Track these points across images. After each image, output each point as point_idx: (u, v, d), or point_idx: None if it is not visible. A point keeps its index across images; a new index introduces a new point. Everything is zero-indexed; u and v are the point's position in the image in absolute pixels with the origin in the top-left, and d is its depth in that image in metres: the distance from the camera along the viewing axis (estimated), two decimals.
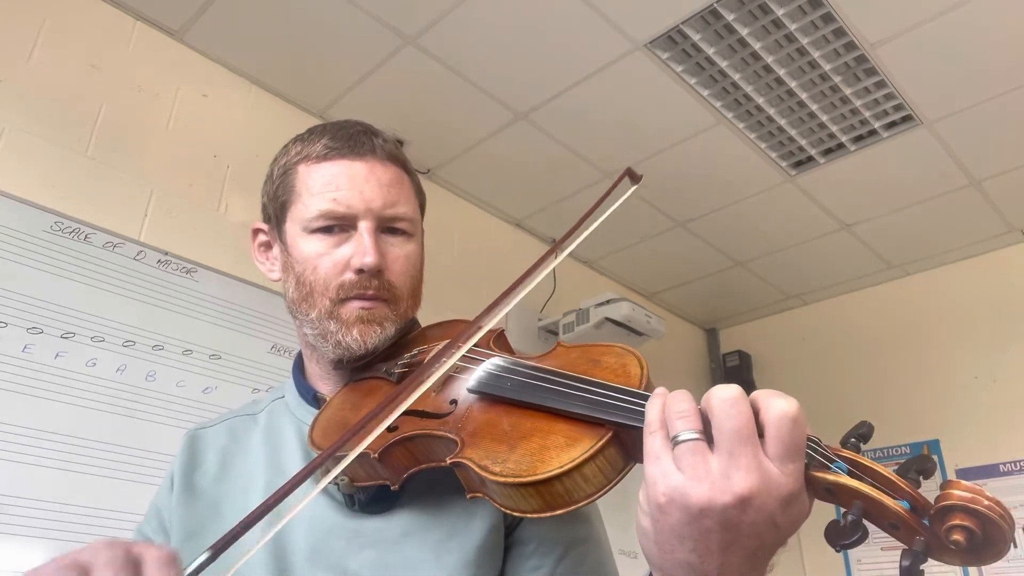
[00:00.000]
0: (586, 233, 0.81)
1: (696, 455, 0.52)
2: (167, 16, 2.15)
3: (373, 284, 0.83)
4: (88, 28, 2.03)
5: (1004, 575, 2.77)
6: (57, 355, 1.72)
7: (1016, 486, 2.85)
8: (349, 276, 0.83)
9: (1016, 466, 2.89)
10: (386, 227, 0.86)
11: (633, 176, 0.86)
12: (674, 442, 0.53)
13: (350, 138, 0.88)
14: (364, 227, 0.84)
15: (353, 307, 0.84)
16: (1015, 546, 0.50)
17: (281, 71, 2.34)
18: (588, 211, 0.83)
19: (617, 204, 0.83)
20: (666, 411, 0.55)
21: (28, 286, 1.72)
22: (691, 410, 0.54)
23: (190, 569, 0.53)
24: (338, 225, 0.84)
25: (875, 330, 3.43)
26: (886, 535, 0.52)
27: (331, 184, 0.85)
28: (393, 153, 0.90)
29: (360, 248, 0.83)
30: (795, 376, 3.59)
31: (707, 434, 0.53)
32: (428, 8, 2.10)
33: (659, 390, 0.58)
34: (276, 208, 0.90)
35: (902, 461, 0.53)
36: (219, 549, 0.54)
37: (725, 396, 0.53)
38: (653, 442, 0.54)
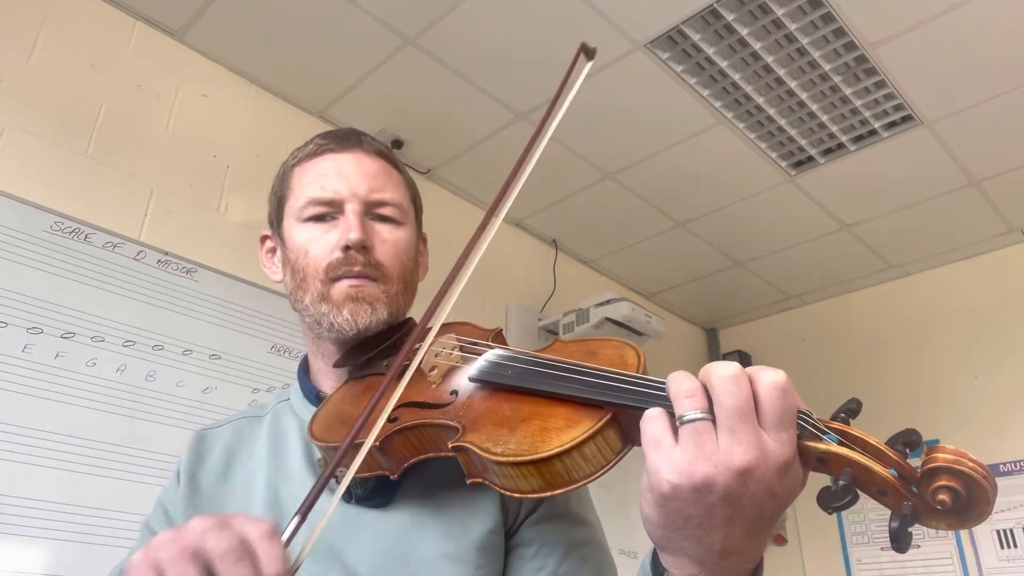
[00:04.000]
0: (555, 123, 0.80)
1: (704, 434, 0.53)
2: (167, 16, 2.15)
3: (359, 260, 0.86)
4: (88, 28, 2.03)
5: (1004, 574, 2.78)
6: (57, 355, 1.72)
7: (1016, 486, 2.85)
8: (337, 255, 0.86)
9: (1016, 466, 2.89)
10: (374, 214, 0.90)
11: (587, 51, 0.84)
12: (680, 421, 0.54)
13: (338, 136, 0.94)
14: (350, 209, 0.87)
15: (342, 286, 0.86)
16: (1015, 545, 0.51)
17: (281, 71, 2.34)
18: (552, 99, 0.80)
19: (577, 86, 0.82)
20: (671, 390, 0.55)
21: (28, 286, 1.72)
22: (698, 388, 0.55)
23: (286, 536, 0.56)
24: (328, 213, 0.88)
25: (875, 330, 3.44)
26: (885, 535, 0.53)
27: (320, 175, 0.90)
28: (380, 150, 0.95)
29: (345, 226, 0.86)
30: (795, 376, 3.53)
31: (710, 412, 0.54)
32: (428, 8, 2.10)
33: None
34: (275, 208, 0.95)
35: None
36: (305, 512, 0.58)
37: (726, 374, 0.54)
38: (653, 428, 0.55)
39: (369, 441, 0.66)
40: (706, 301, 3.73)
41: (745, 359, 3.73)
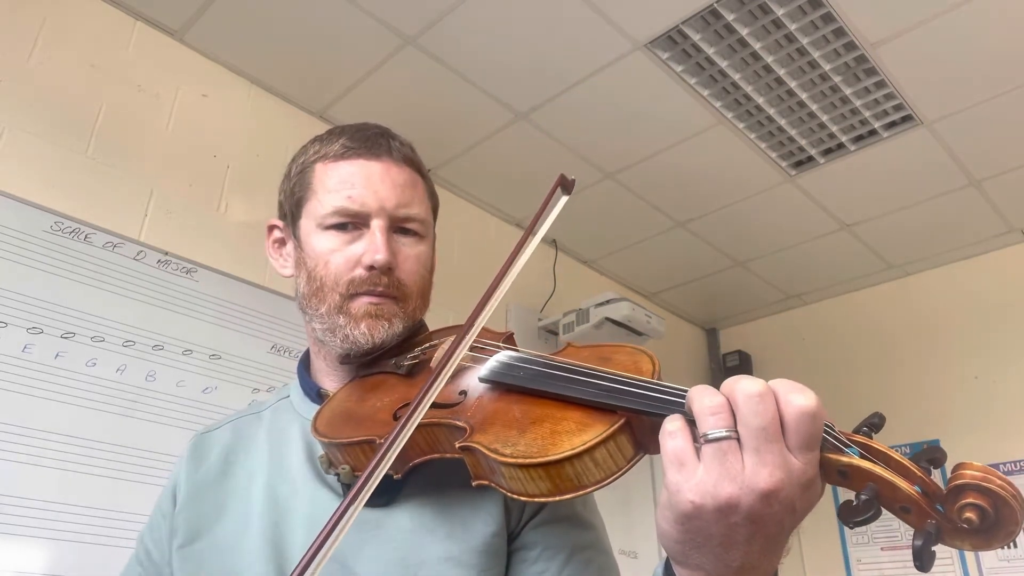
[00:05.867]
0: (531, 248, 0.80)
1: (729, 454, 0.51)
2: (167, 16, 2.15)
3: (383, 281, 0.85)
4: (88, 28, 2.03)
5: (1003, 574, 2.77)
6: (57, 355, 1.72)
7: (1017, 486, 2.84)
8: (360, 272, 0.85)
9: (1016, 466, 2.89)
10: (398, 227, 0.88)
11: (566, 184, 0.84)
12: (704, 439, 0.52)
13: (367, 139, 0.90)
14: (377, 225, 0.85)
15: (362, 302, 0.85)
16: (1015, 546, 0.50)
17: (281, 71, 2.34)
18: (530, 224, 0.81)
19: (552, 217, 0.82)
20: (694, 405, 0.54)
21: (28, 286, 1.71)
22: (723, 405, 0.53)
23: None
24: (351, 223, 0.86)
25: (875, 330, 3.43)
26: (886, 536, 0.53)
27: (346, 182, 0.87)
28: (409, 156, 0.92)
29: (372, 245, 0.84)
30: (795, 376, 3.47)
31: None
32: (428, 8, 2.10)
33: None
34: (292, 204, 0.92)
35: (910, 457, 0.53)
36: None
37: (752, 392, 0.52)
38: (675, 444, 0.53)
39: (399, 444, 0.64)
40: (706, 301, 3.72)
41: (745, 359, 3.73)
